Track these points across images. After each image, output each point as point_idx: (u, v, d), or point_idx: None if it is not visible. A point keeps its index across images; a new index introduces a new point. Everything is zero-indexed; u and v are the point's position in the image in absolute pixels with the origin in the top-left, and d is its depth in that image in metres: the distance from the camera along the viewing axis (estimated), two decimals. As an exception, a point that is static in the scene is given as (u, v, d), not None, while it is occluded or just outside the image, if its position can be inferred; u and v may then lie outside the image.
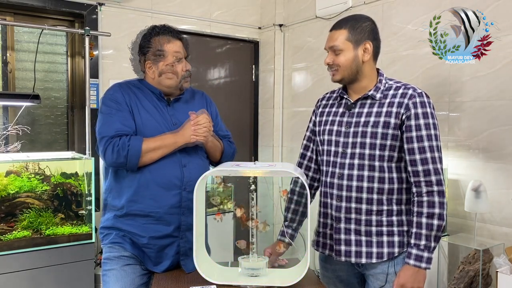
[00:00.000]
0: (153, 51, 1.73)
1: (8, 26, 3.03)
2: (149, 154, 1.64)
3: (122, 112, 1.69)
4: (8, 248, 2.35)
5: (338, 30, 1.64)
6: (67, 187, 2.61)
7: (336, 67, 1.64)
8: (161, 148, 1.66)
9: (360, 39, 1.62)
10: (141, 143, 1.63)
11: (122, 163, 1.63)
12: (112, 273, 1.68)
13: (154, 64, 1.74)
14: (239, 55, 4.00)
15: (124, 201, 1.69)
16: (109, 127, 1.66)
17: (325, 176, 1.73)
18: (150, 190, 1.67)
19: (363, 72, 1.65)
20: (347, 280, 1.77)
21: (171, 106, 1.79)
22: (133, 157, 1.62)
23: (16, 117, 2.95)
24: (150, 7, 3.39)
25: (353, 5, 3.20)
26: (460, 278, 2.36)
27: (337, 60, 1.63)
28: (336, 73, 1.66)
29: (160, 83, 1.76)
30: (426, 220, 1.55)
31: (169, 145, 1.67)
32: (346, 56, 1.62)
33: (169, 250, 1.72)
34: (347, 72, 1.64)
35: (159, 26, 1.77)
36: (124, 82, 1.81)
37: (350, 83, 1.68)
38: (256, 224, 1.60)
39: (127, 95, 1.73)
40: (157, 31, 1.75)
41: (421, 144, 1.56)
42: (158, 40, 1.73)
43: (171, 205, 1.69)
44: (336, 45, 1.62)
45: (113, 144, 1.62)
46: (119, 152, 1.61)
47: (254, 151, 4.09)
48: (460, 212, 2.52)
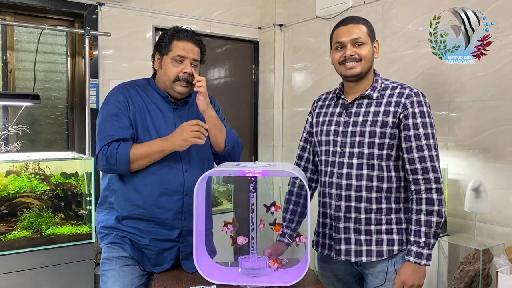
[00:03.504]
0: (163, 44, 1.73)
1: (8, 26, 3.03)
2: (137, 162, 1.62)
3: (119, 115, 1.67)
4: (8, 248, 2.35)
5: (358, 24, 1.65)
6: (67, 187, 2.61)
7: (358, 59, 1.63)
8: (148, 156, 1.62)
9: (373, 36, 1.67)
10: (128, 150, 1.60)
11: (113, 169, 1.65)
12: (111, 273, 1.68)
13: (161, 56, 1.74)
14: (239, 55, 4.00)
15: (129, 205, 1.68)
16: (103, 133, 1.66)
17: (323, 176, 1.73)
18: (155, 195, 1.66)
19: (370, 69, 1.68)
20: (346, 280, 1.78)
21: (178, 109, 1.77)
22: (121, 164, 1.61)
23: (16, 117, 2.95)
24: (150, 7, 3.39)
25: (353, 5, 3.20)
26: (460, 278, 2.37)
27: (360, 52, 1.63)
28: (357, 65, 1.64)
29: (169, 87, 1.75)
30: (425, 217, 1.56)
31: (156, 151, 1.62)
32: (369, 49, 1.65)
33: (169, 253, 1.72)
34: (367, 65, 1.65)
35: (180, 26, 1.78)
36: (129, 82, 1.79)
37: (359, 80, 1.68)
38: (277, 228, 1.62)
39: (129, 96, 1.71)
40: (175, 30, 1.74)
41: (419, 142, 1.58)
42: (171, 36, 1.72)
43: (174, 210, 1.68)
44: (360, 38, 1.63)
45: (103, 151, 1.63)
46: (108, 160, 1.61)
47: (254, 151, 4.09)
48: (460, 212, 2.52)
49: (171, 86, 1.73)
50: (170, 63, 1.71)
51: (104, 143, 1.63)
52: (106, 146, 1.63)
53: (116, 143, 1.62)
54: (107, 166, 1.64)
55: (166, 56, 1.72)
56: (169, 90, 1.75)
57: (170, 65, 1.71)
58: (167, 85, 1.74)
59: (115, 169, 1.64)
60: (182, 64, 1.72)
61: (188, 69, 1.72)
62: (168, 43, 1.72)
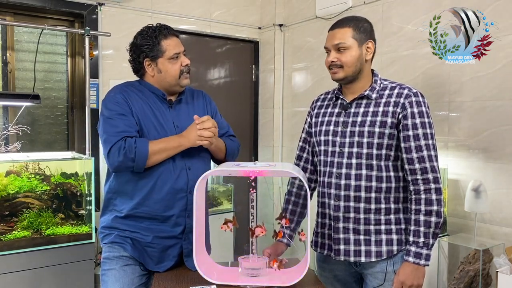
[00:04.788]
0: (150, 48, 1.71)
1: (8, 26, 3.03)
2: (154, 156, 1.63)
3: (125, 114, 1.67)
4: (8, 248, 2.36)
5: (342, 28, 1.64)
6: (67, 187, 2.61)
7: (340, 65, 1.64)
8: (166, 151, 1.65)
9: (364, 38, 1.64)
10: (147, 145, 1.62)
11: (129, 166, 1.62)
12: (111, 273, 1.68)
13: (153, 61, 1.73)
14: (239, 55, 4.00)
15: (133, 204, 1.68)
16: (113, 129, 1.64)
17: (322, 176, 1.73)
18: (160, 194, 1.67)
19: (363, 71, 1.66)
20: (345, 280, 1.78)
21: (173, 108, 1.79)
22: (140, 159, 1.61)
23: (16, 117, 2.95)
24: (150, 7, 3.39)
25: (353, 5, 3.20)
26: (460, 278, 2.37)
27: (342, 58, 1.63)
28: (339, 71, 1.65)
29: (165, 83, 1.75)
30: (424, 218, 1.56)
31: (174, 147, 1.66)
32: (352, 53, 1.63)
33: (172, 250, 1.73)
34: (351, 70, 1.64)
35: (155, 25, 1.76)
36: (124, 84, 1.80)
37: (349, 83, 1.68)
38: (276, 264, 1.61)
39: (129, 97, 1.71)
40: (153, 29, 1.73)
41: (418, 142, 1.58)
42: (156, 37, 1.72)
43: (179, 208, 1.69)
44: (342, 43, 1.62)
45: (119, 147, 1.60)
46: (126, 154, 1.59)
47: (254, 151, 4.09)
48: (460, 212, 2.52)
49: (177, 83, 1.76)
50: (169, 63, 1.73)
51: (118, 138, 1.61)
52: (121, 141, 1.61)
53: (131, 139, 1.62)
54: (123, 162, 1.60)
55: (162, 59, 1.72)
56: (173, 88, 1.77)
57: (170, 65, 1.73)
58: (172, 83, 1.76)
59: (131, 165, 1.61)
60: (179, 59, 1.75)
61: (186, 61, 1.77)
62: (157, 45, 1.71)
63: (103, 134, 1.67)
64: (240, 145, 1.96)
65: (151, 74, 1.76)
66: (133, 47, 1.77)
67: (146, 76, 1.78)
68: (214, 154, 1.84)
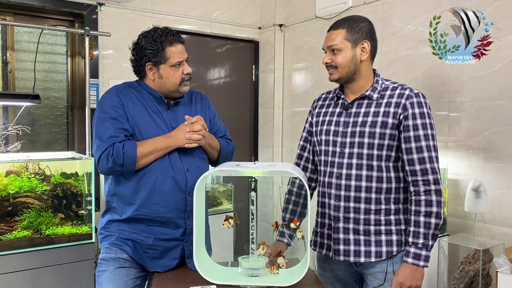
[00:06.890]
0: (153, 53, 1.71)
1: (8, 26, 3.03)
2: (143, 160, 1.64)
3: (117, 118, 1.67)
4: (8, 248, 2.35)
5: (336, 30, 1.65)
6: (67, 187, 2.61)
7: (334, 66, 1.65)
8: (154, 152, 1.66)
9: (358, 38, 1.64)
10: (136, 149, 1.62)
11: (118, 170, 1.64)
12: (106, 274, 1.68)
13: (155, 66, 1.73)
14: (239, 55, 4.00)
15: (132, 206, 1.69)
16: (103, 134, 1.66)
17: (323, 176, 1.73)
18: (159, 195, 1.67)
19: (360, 72, 1.66)
20: (345, 280, 1.78)
21: (170, 109, 1.79)
22: (129, 164, 1.62)
23: (16, 117, 2.95)
24: (150, 7, 3.39)
25: (353, 5, 3.20)
26: (460, 278, 2.37)
27: (335, 60, 1.64)
28: (334, 72, 1.67)
29: (164, 87, 1.75)
30: (424, 219, 1.56)
31: (162, 148, 1.67)
32: (344, 55, 1.63)
33: (173, 252, 1.73)
34: (345, 71, 1.65)
35: (161, 29, 1.74)
36: (122, 85, 1.79)
37: (347, 83, 1.69)
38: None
39: (125, 99, 1.71)
40: (159, 33, 1.72)
41: (419, 143, 1.58)
42: (161, 43, 1.70)
43: (177, 209, 1.69)
44: (335, 44, 1.64)
45: (107, 153, 1.62)
46: (114, 161, 1.61)
47: (254, 151, 4.09)
48: (460, 212, 2.52)
49: (177, 90, 1.76)
50: (171, 70, 1.73)
51: (107, 145, 1.63)
52: (110, 147, 1.62)
53: (119, 144, 1.63)
54: (112, 168, 1.63)
55: (164, 65, 1.72)
56: (172, 94, 1.78)
57: (171, 72, 1.73)
58: (172, 90, 1.76)
59: (120, 170, 1.63)
60: (181, 66, 1.74)
61: (188, 69, 1.76)
62: (161, 50, 1.70)
63: (95, 138, 1.69)
64: (235, 149, 1.97)
65: (151, 78, 1.75)
66: (136, 48, 1.76)
67: (146, 79, 1.78)
68: (208, 154, 1.84)
